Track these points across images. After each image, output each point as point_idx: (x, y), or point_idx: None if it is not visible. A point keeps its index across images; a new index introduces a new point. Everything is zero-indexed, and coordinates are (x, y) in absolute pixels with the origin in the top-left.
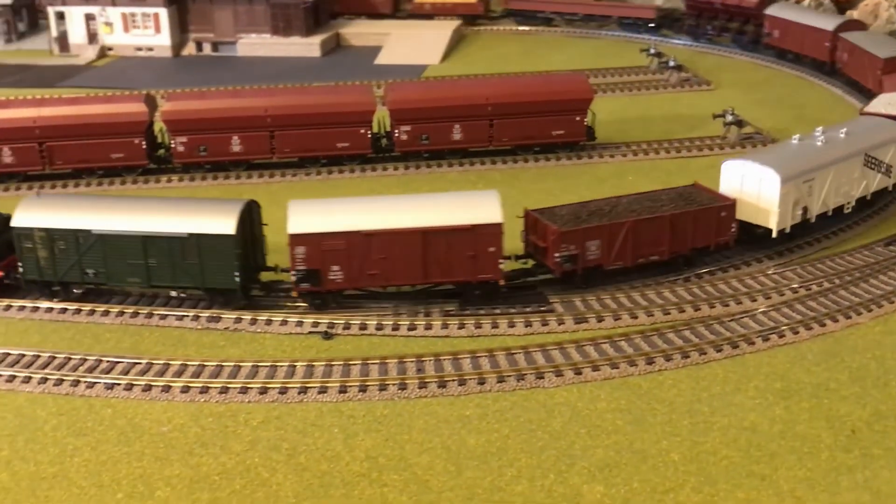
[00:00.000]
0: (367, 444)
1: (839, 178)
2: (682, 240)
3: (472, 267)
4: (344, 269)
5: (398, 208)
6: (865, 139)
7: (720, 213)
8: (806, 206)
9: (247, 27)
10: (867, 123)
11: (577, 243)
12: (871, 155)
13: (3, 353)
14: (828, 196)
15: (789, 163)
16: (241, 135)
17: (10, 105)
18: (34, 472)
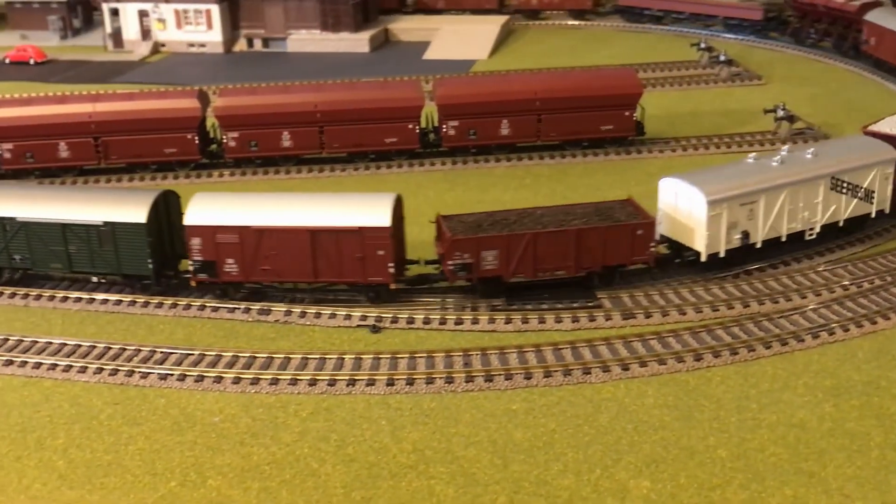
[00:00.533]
0: (414, 436)
1: (795, 201)
2: (590, 256)
3: (362, 269)
4: (238, 263)
5: (292, 206)
6: (835, 161)
7: (635, 231)
8: (746, 231)
9: (297, 23)
10: (852, 143)
11: (471, 252)
12: (839, 178)
13: (60, 344)
14: (778, 221)
15: (724, 183)
16: (291, 130)
17: (66, 100)
18: (90, 459)
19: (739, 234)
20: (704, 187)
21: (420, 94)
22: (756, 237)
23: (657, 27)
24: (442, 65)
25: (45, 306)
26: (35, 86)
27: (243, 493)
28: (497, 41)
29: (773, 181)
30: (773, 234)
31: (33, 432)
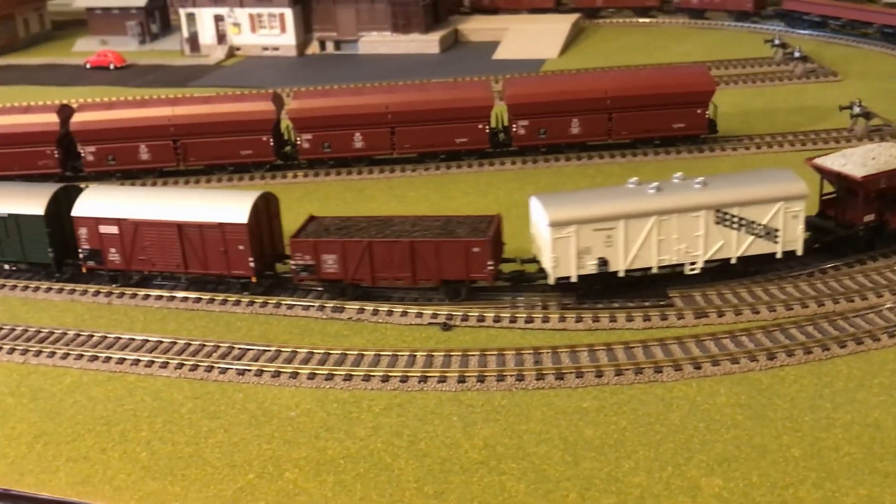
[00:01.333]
0: (485, 432)
1: (667, 232)
2: (426, 269)
3: (226, 262)
4: (119, 252)
5: (166, 201)
6: (723, 193)
7: (471, 248)
8: (604, 258)
9: (368, 25)
10: (761, 175)
11: (311, 254)
12: (726, 212)
13: (142, 340)
14: (645, 251)
15: (575, 206)
16: (363, 131)
17: (146, 104)
18: (172, 451)
19: (595, 260)
20: (550, 209)
21: (490, 94)
22: (617, 266)
23: (730, 24)
24: (511, 64)
25: (128, 304)
26: (115, 90)
27: (319, 486)
28: (567, 40)
29: (635, 208)
30: (641, 264)
31: (117, 425)
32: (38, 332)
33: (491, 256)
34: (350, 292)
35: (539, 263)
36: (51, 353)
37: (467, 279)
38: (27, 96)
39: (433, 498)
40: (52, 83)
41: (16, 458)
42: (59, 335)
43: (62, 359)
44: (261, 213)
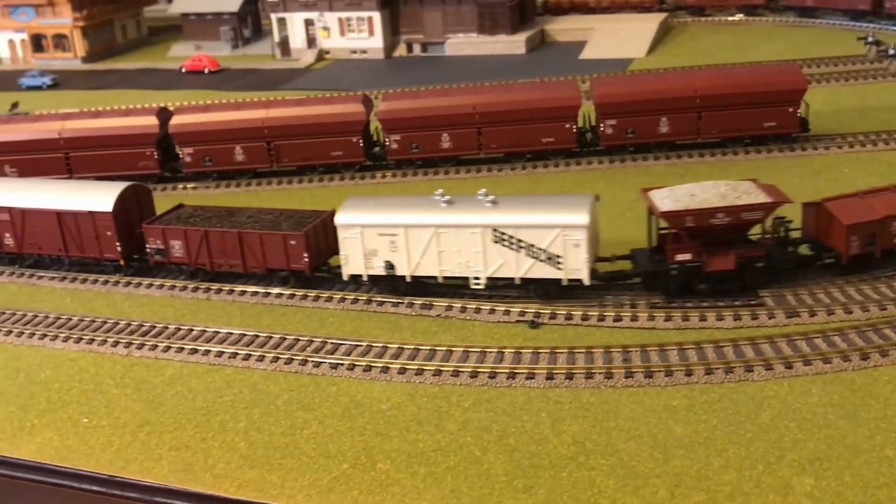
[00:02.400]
0: (574, 429)
1: (447, 245)
2: (253, 257)
3: (98, 246)
4: (13, 237)
5: (50, 192)
6: (503, 214)
7: (288, 240)
8: (391, 262)
9: (455, 27)
10: (562, 200)
11: (161, 239)
12: (504, 233)
13: (239, 334)
14: (427, 260)
15: (364, 211)
16: (451, 132)
17: (241, 107)
18: (268, 441)
19: (382, 262)
20: (341, 211)
21: (577, 94)
22: (402, 270)
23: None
24: (598, 64)
25: (225, 300)
26: (209, 93)
27: (410, 477)
28: (654, 39)
29: (415, 219)
30: (424, 272)
31: (217, 416)
32: (140, 326)
33: (306, 249)
34: (200, 275)
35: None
36: (153, 346)
37: (287, 268)
38: (126, 100)
39: (522, 492)
40: (150, 87)
41: (121, 446)
42: (161, 329)
43: (164, 351)
44: (129, 203)
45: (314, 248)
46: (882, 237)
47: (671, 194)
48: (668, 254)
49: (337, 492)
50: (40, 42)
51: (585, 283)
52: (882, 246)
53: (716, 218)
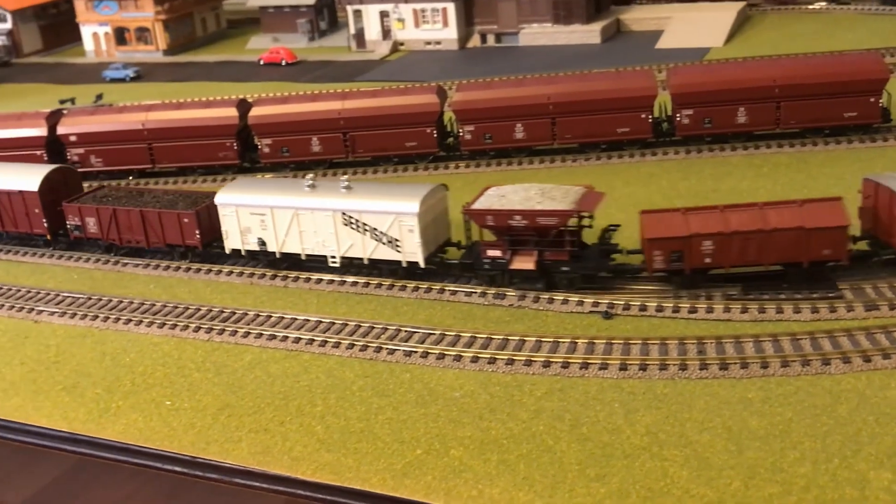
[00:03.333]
0: (647, 419)
1: (307, 226)
2: (155, 234)
3: (28, 223)
4: None
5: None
6: (351, 199)
7: (182, 219)
8: (262, 239)
9: (529, 17)
10: (399, 189)
11: (78, 216)
12: (351, 216)
13: (316, 321)
14: (291, 239)
15: (240, 192)
16: (525, 122)
17: (318, 98)
18: (344, 426)
19: (255, 239)
20: (221, 192)
21: (653, 84)
22: (273, 247)
23: None
24: (675, 53)
25: (302, 287)
26: (286, 85)
27: (483, 464)
28: (733, 28)
29: (278, 201)
30: (290, 249)
31: (294, 400)
32: (221, 312)
33: (198, 226)
34: (114, 250)
35: None
36: (233, 332)
37: (183, 244)
38: (206, 91)
39: (595, 480)
40: (229, 79)
41: (202, 427)
42: (241, 315)
43: (243, 337)
44: (55, 184)
45: (206, 225)
46: (690, 255)
47: (496, 192)
48: (482, 249)
49: (411, 476)
50: (123, 35)
51: (421, 266)
52: (690, 264)
53: (513, 220)
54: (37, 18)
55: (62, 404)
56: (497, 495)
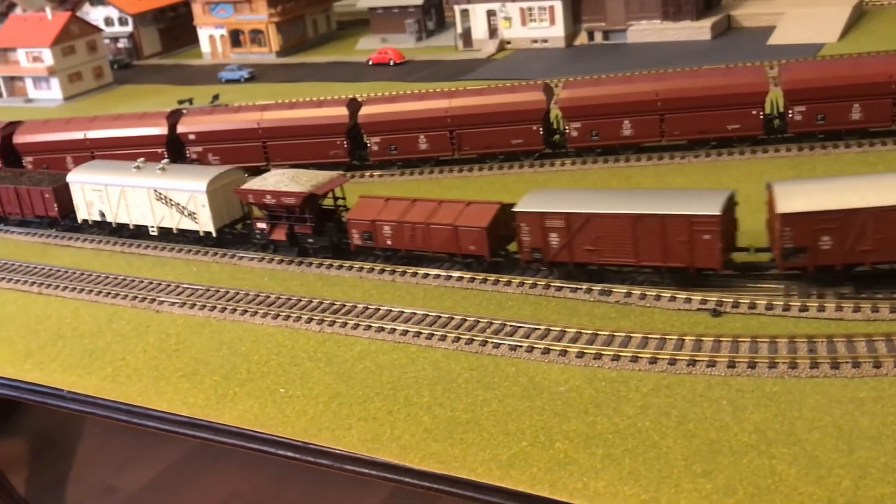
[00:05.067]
0: (755, 417)
1: (132, 200)
2: (27, 207)
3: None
4: None
5: None
6: (159, 178)
7: (44, 194)
8: (102, 211)
9: (637, 14)
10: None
11: None
12: (161, 192)
13: (423, 314)
14: (122, 211)
15: (88, 172)
16: (632, 119)
17: (426, 97)
18: (450, 416)
19: (98, 211)
20: (73, 172)
21: (764, 80)
22: (110, 218)
23: None
24: (787, 49)
25: (409, 282)
26: (394, 85)
27: (588, 457)
28: (847, 23)
29: (110, 180)
30: (122, 220)
31: (402, 390)
32: (331, 305)
33: (56, 201)
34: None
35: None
36: (343, 324)
37: (46, 216)
38: (317, 92)
39: (701, 476)
40: (339, 79)
41: (314, 415)
42: (350, 308)
43: (353, 329)
44: None
45: (63, 200)
46: (376, 236)
47: (263, 176)
48: (253, 222)
49: (516, 467)
50: (238, 37)
51: (214, 236)
52: (378, 244)
53: (266, 198)
54: (156, 22)
55: (182, 390)
56: (602, 488)
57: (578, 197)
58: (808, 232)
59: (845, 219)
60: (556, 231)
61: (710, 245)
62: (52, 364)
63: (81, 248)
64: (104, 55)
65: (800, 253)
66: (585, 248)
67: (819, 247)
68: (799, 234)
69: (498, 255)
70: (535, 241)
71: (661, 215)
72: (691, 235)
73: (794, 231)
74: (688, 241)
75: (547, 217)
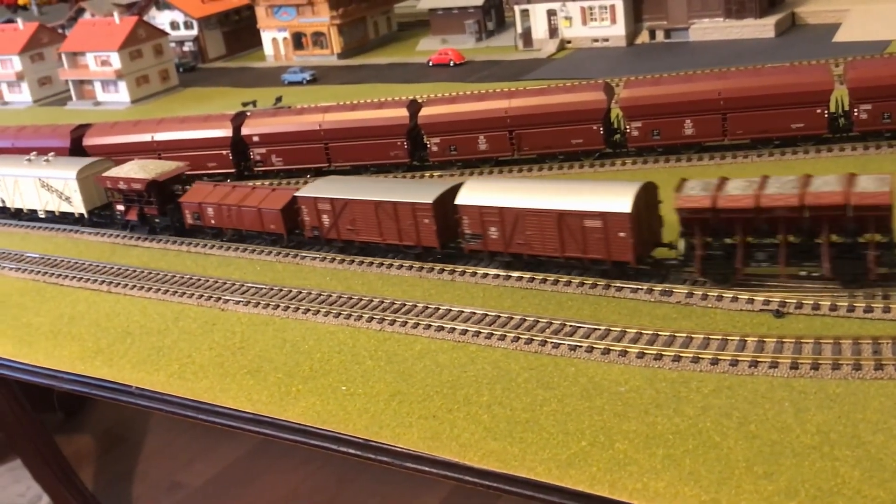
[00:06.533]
0: (818, 419)
1: (25, 188)
2: None
3: None
4: None
5: None
6: (45, 170)
7: None
8: (2, 198)
9: (699, 12)
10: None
11: None
12: (44, 181)
13: (482, 314)
14: (17, 198)
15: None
16: (694, 118)
17: (485, 98)
18: (510, 416)
19: (1, 199)
20: None
21: (829, 78)
22: (9, 204)
23: None
24: (853, 46)
25: (468, 281)
26: (454, 85)
27: (648, 458)
28: None
29: (8, 171)
30: (17, 205)
31: (462, 389)
32: (392, 304)
33: None
34: None
35: None
36: (403, 323)
37: None
38: (378, 93)
39: (763, 478)
40: (399, 80)
41: (375, 413)
42: (410, 307)
43: (413, 328)
44: None
45: None
46: (203, 216)
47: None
48: (114, 205)
49: (576, 467)
50: (300, 40)
51: (86, 217)
52: (205, 223)
53: (119, 185)
54: (220, 25)
55: (247, 387)
56: (662, 489)
57: (346, 185)
58: (479, 222)
59: (501, 214)
60: (327, 213)
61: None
62: (121, 361)
63: (149, 248)
64: (170, 58)
65: (476, 238)
66: (347, 228)
67: (489, 235)
68: (473, 223)
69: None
70: (312, 221)
71: (394, 202)
72: (415, 220)
73: (470, 219)
74: (413, 225)
75: (319, 201)
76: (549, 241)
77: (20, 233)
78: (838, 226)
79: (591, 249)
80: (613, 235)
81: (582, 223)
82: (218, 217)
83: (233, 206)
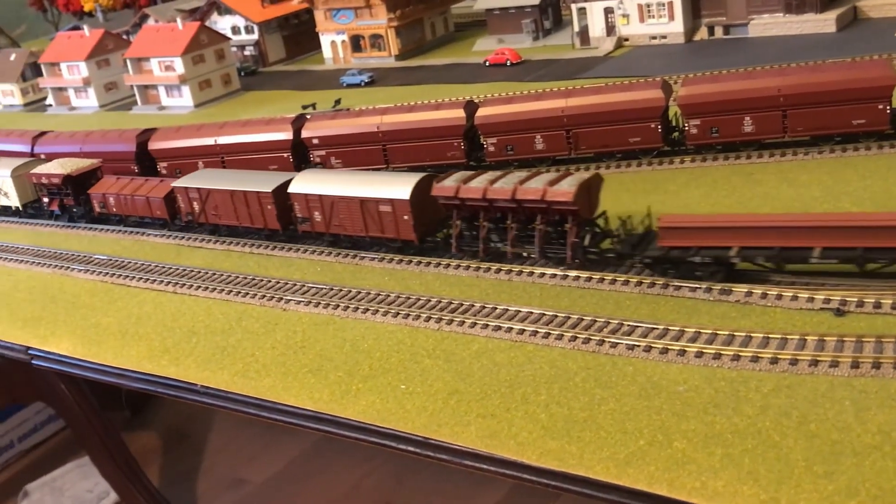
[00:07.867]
0: (879, 418)
1: None
2: None
3: None
4: None
5: None
6: None
7: None
8: None
9: (759, 8)
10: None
11: None
12: None
13: (539, 313)
14: None
15: None
16: (753, 115)
17: (542, 97)
18: (567, 415)
19: None
20: None
21: (891, 73)
22: None
23: None
24: None
25: (526, 281)
26: (511, 85)
27: (707, 457)
28: None
29: None
30: None
31: (519, 388)
32: (450, 303)
33: None
34: None
35: None
36: (461, 322)
37: None
38: (435, 94)
39: (822, 477)
40: (456, 81)
41: (434, 411)
42: (468, 306)
43: (470, 327)
44: None
45: None
46: (107, 204)
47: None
48: (41, 197)
49: (634, 466)
50: (358, 42)
51: (21, 210)
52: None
53: (42, 179)
54: (280, 29)
55: (308, 385)
56: (721, 488)
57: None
58: (306, 207)
59: (321, 201)
60: (196, 200)
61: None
62: (187, 360)
63: (213, 250)
64: (232, 63)
65: (305, 221)
66: (212, 213)
67: (314, 218)
68: (302, 208)
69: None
70: (186, 208)
71: (231, 190)
72: (261, 206)
73: (300, 205)
74: (261, 210)
75: (189, 191)
76: (356, 223)
77: (88, 235)
78: (545, 216)
79: (387, 230)
80: (400, 218)
81: (378, 208)
82: (118, 205)
83: (128, 196)
